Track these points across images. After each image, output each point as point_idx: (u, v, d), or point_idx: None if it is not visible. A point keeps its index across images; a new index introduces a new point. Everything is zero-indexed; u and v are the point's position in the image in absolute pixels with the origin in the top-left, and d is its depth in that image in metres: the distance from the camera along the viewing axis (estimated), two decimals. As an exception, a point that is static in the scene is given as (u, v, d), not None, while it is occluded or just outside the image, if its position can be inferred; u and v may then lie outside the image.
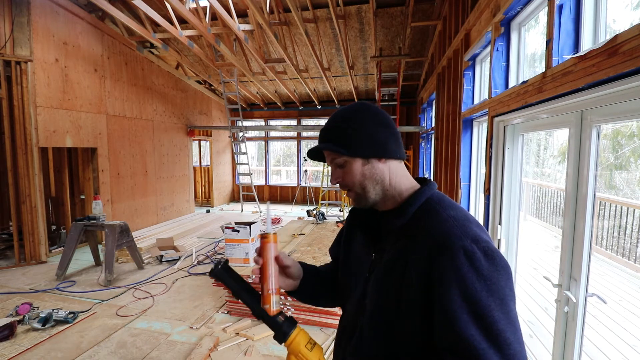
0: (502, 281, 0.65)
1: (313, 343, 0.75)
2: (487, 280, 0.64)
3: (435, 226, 0.71)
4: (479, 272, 0.64)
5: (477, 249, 0.66)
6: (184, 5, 4.48)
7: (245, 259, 3.06)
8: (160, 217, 6.95)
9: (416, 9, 5.01)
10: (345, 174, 0.80)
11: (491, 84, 2.43)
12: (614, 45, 1.14)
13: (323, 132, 0.82)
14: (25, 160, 4.29)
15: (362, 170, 0.78)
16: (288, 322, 0.74)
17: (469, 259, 0.65)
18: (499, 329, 0.62)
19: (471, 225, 0.70)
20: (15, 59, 4.17)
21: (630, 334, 2.75)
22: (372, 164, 0.78)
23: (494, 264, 0.65)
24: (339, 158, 0.79)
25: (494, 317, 0.63)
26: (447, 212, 0.73)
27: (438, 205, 0.76)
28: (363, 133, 0.78)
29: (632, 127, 5.23)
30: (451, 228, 0.69)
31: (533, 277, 3.96)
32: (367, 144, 0.77)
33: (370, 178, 0.78)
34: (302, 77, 7.31)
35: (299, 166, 9.90)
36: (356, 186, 0.79)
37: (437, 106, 4.49)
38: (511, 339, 0.63)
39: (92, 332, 2.79)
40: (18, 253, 4.34)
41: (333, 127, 0.80)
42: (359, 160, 0.78)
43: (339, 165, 0.80)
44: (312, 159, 0.89)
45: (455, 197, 3.38)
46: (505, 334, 0.62)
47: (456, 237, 0.67)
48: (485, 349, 0.62)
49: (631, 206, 4.31)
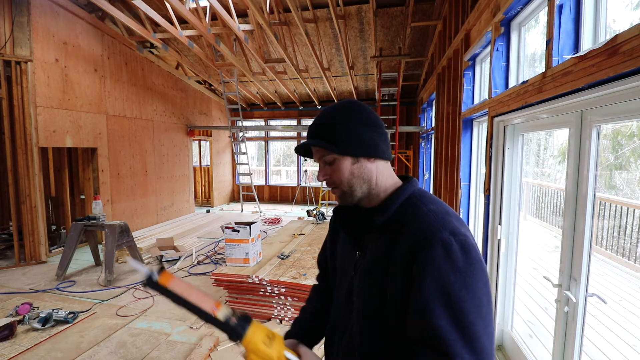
0: (477, 275, 0.66)
1: (271, 336, 0.73)
2: (462, 273, 0.65)
3: (416, 220, 0.72)
4: (454, 265, 0.65)
5: (455, 241, 0.67)
6: (184, 5, 4.48)
7: (245, 259, 3.06)
8: (160, 217, 6.95)
9: (416, 9, 5.01)
10: (333, 172, 0.79)
11: (491, 84, 2.43)
12: (614, 45, 1.14)
13: (313, 128, 0.81)
14: (25, 160, 4.29)
15: (351, 168, 0.78)
16: (241, 322, 0.71)
17: (445, 251, 0.66)
18: (470, 321, 0.63)
19: (450, 218, 0.71)
20: (15, 59, 4.17)
21: (630, 334, 2.75)
22: (361, 163, 0.79)
23: (470, 258, 0.66)
24: (329, 155, 0.79)
25: (466, 310, 0.63)
26: (428, 206, 0.74)
27: (419, 200, 0.77)
28: (354, 132, 0.78)
29: (632, 127, 5.23)
30: (431, 221, 0.70)
31: (533, 277, 3.96)
32: (357, 143, 0.78)
33: (358, 177, 0.79)
34: (302, 77, 7.31)
35: (299, 166, 9.90)
36: (344, 184, 0.79)
37: (437, 106, 4.49)
38: (481, 332, 0.63)
39: (92, 332, 2.79)
40: (18, 253, 4.34)
41: (324, 124, 0.80)
42: (348, 158, 0.78)
43: (327, 162, 0.80)
44: (300, 154, 0.88)
45: (455, 197, 3.38)
46: (476, 327, 0.63)
47: (435, 230, 0.68)
48: (454, 340, 0.62)
49: (631, 206, 4.31)
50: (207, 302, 0.71)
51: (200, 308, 0.70)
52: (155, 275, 0.70)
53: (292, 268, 3.08)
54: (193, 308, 0.70)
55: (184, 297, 0.70)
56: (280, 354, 0.72)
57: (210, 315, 0.70)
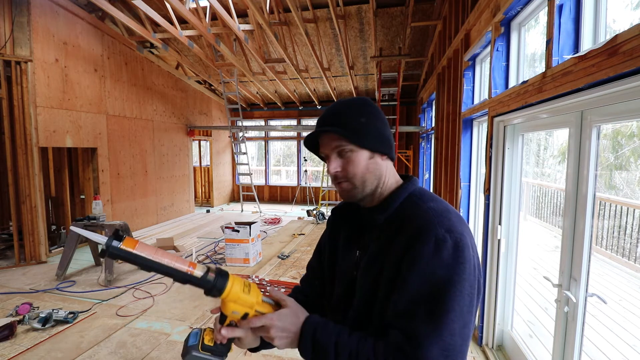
0: (465, 274, 0.66)
1: (248, 285, 0.73)
2: (450, 270, 0.65)
3: (415, 216, 0.72)
4: (442, 260, 0.65)
5: (449, 238, 0.67)
6: (184, 5, 4.48)
7: (245, 258, 3.06)
8: (160, 217, 6.95)
9: (416, 9, 5.01)
10: (348, 164, 0.76)
11: (491, 84, 2.42)
12: (614, 45, 1.14)
13: (331, 116, 0.77)
14: (25, 160, 4.29)
15: (367, 163, 0.77)
16: (220, 277, 0.69)
17: (437, 246, 0.66)
18: (448, 318, 0.63)
19: (450, 215, 0.72)
20: (15, 59, 4.17)
21: (630, 334, 2.75)
22: (375, 159, 0.78)
23: (462, 257, 0.66)
24: (348, 146, 0.75)
25: (446, 306, 0.63)
26: (427, 204, 0.75)
27: (419, 199, 0.77)
28: (374, 126, 0.77)
29: (632, 127, 5.23)
30: (429, 218, 0.71)
31: (533, 277, 3.96)
32: (377, 138, 0.77)
33: (371, 173, 0.78)
34: (302, 77, 7.31)
35: (299, 166, 9.90)
36: (357, 178, 0.76)
37: (437, 106, 4.49)
38: (456, 330, 0.63)
39: (92, 332, 2.79)
40: (18, 253, 4.34)
41: (345, 113, 0.77)
42: (366, 152, 0.77)
43: (342, 153, 0.76)
44: (307, 145, 0.83)
45: (455, 197, 3.37)
46: (453, 324, 0.63)
47: (432, 226, 0.69)
48: (426, 332, 0.62)
49: (631, 206, 4.31)
50: (182, 262, 0.68)
51: (176, 269, 0.67)
52: (117, 242, 0.63)
53: (292, 268, 3.09)
54: (168, 269, 0.66)
55: (156, 260, 0.66)
56: (259, 299, 0.73)
57: (187, 274, 0.67)
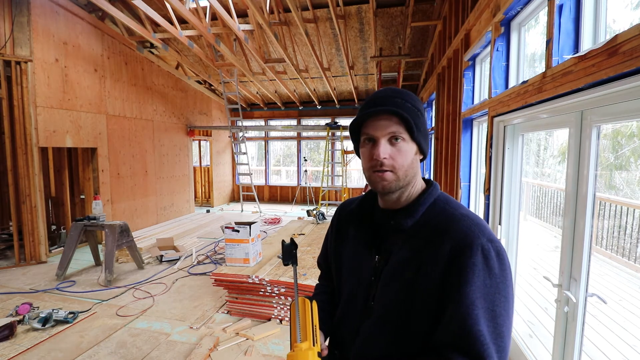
0: (508, 280, 0.68)
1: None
2: (497, 279, 0.67)
3: (453, 225, 0.72)
4: (492, 271, 0.67)
5: (491, 247, 0.68)
6: (184, 5, 4.48)
7: (245, 258, 3.05)
8: (160, 217, 6.95)
9: (416, 9, 5.01)
10: (398, 153, 0.73)
11: (491, 84, 2.42)
12: (614, 45, 1.14)
13: (392, 98, 0.74)
14: (25, 160, 4.29)
15: (413, 158, 0.76)
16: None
17: (485, 257, 0.67)
18: (500, 324, 0.66)
19: (483, 223, 0.73)
20: (15, 59, 4.17)
21: (630, 334, 2.74)
22: (417, 156, 0.78)
23: (504, 264, 0.68)
24: (404, 134, 0.73)
25: (499, 314, 0.66)
26: (459, 211, 0.75)
27: (447, 205, 0.77)
28: (424, 122, 0.77)
29: (632, 127, 5.23)
30: (469, 227, 0.70)
31: (533, 277, 3.96)
32: (424, 135, 0.77)
33: (413, 169, 0.76)
34: (302, 77, 7.31)
35: (299, 166, 9.90)
36: (402, 170, 0.74)
37: (437, 106, 4.49)
38: (505, 332, 0.66)
39: (92, 332, 2.79)
40: (18, 253, 4.34)
41: (406, 101, 0.74)
42: (414, 146, 0.76)
43: (393, 141, 0.73)
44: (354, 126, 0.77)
45: (456, 197, 3.38)
46: (502, 328, 0.66)
47: (475, 236, 0.69)
48: (488, 343, 0.64)
49: (631, 206, 4.31)
50: None
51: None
52: None
53: (292, 268, 3.08)
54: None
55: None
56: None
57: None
